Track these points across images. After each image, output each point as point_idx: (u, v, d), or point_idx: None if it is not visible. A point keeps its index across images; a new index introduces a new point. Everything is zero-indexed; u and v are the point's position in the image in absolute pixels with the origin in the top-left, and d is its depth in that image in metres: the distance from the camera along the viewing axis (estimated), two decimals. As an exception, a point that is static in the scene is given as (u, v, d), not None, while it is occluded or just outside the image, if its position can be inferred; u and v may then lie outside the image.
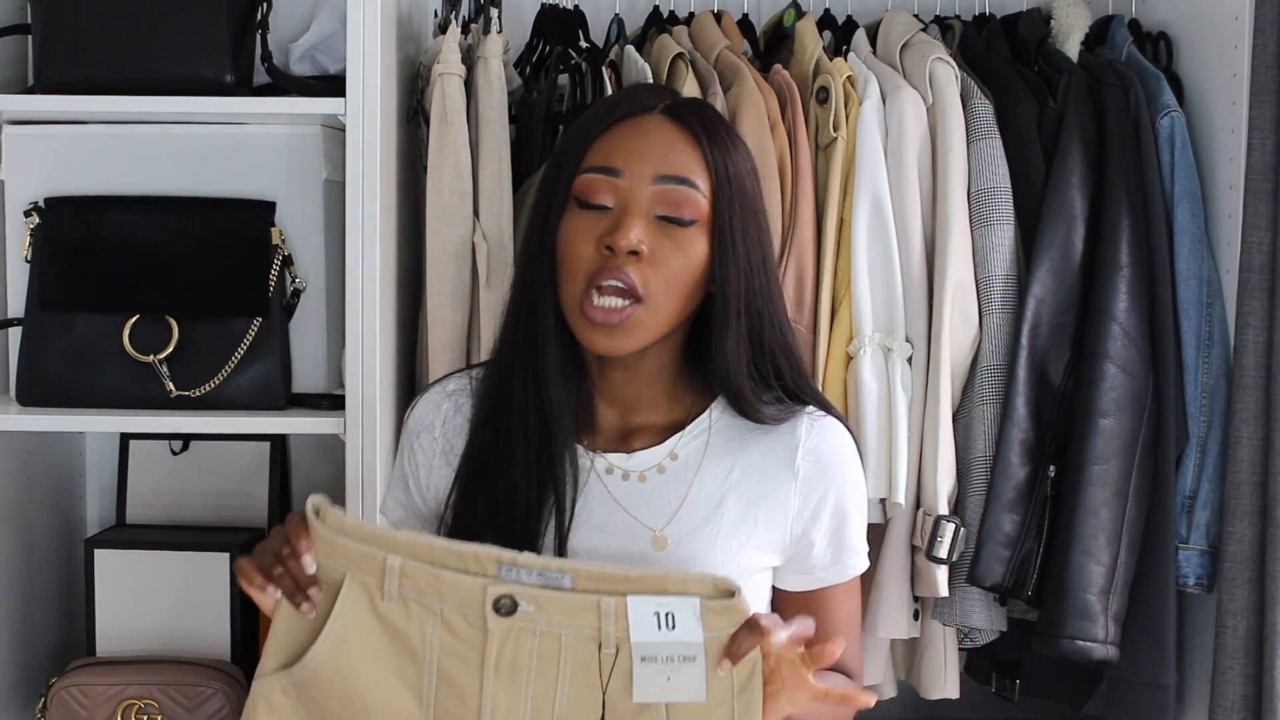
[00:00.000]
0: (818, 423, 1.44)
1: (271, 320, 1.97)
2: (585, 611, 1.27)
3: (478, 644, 1.28)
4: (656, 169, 1.36)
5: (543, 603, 1.27)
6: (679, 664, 1.26)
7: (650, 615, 1.26)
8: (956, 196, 1.99)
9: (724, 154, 1.39)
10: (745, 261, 1.38)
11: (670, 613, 1.26)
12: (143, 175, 2.02)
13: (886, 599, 1.99)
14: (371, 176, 1.86)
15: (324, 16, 2.12)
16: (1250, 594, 1.92)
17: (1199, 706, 2.02)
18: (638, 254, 1.34)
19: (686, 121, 1.39)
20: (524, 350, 1.41)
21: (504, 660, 1.28)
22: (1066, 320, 1.99)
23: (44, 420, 1.99)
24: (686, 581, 1.27)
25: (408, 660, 1.30)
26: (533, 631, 1.28)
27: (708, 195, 1.37)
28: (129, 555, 2.12)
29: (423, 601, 1.29)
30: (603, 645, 1.27)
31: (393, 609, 1.29)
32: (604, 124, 1.40)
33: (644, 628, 1.26)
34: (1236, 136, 1.98)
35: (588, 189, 1.37)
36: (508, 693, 1.29)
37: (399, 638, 1.30)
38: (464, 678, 1.29)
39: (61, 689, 2.00)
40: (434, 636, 1.29)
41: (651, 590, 1.26)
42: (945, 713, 2.22)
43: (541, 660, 1.28)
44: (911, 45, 2.08)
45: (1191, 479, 2.01)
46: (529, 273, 1.41)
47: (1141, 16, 2.25)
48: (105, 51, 1.90)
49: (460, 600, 1.28)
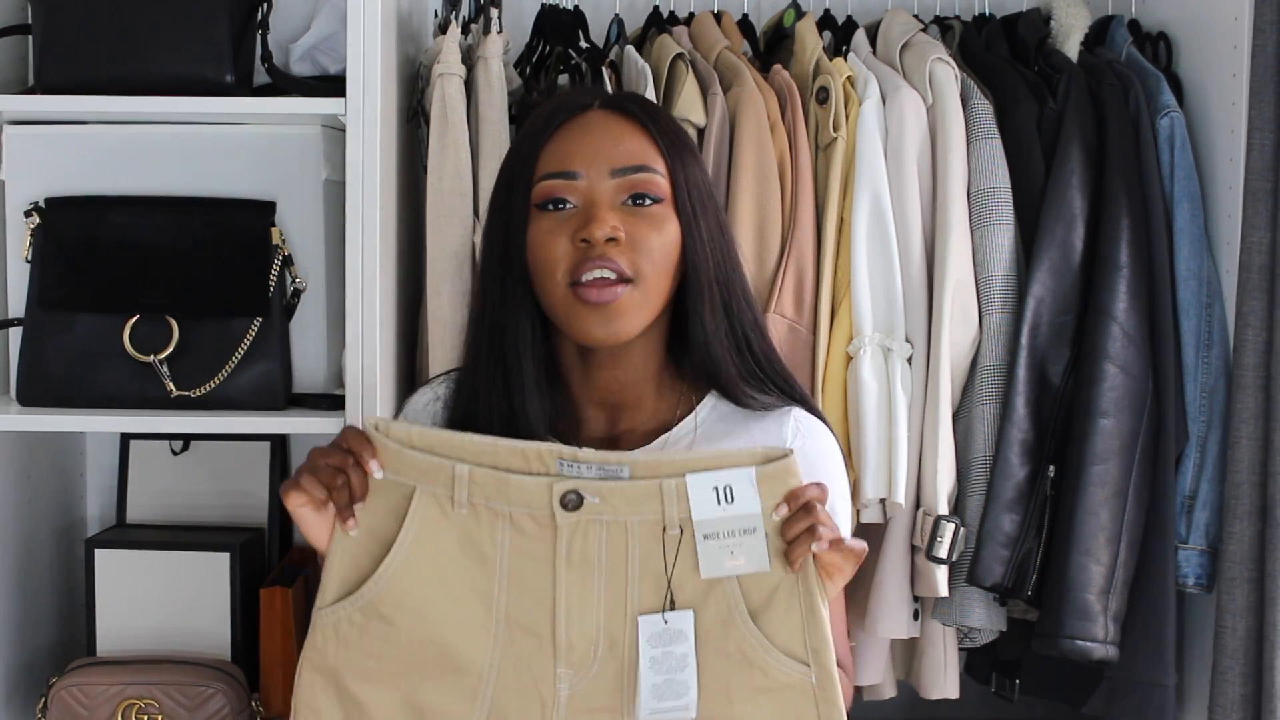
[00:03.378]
0: (803, 424, 1.45)
1: (271, 320, 1.97)
2: (648, 498, 1.30)
3: (548, 541, 1.31)
4: (612, 163, 1.37)
5: (606, 494, 1.30)
6: (740, 537, 1.29)
7: (709, 491, 1.28)
8: (956, 196, 1.99)
9: (670, 136, 1.41)
10: (709, 234, 1.40)
11: (728, 485, 1.28)
12: (143, 175, 2.02)
13: (886, 599, 2.00)
14: (371, 176, 1.86)
15: (324, 16, 2.12)
16: (1250, 594, 1.92)
17: (1199, 706, 2.03)
18: (615, 240, 1.35)
19: (628, 110, 1.41)
20: (495, 372, 1.41)
21: (574, 554, 1.31)
22: (1066, 320, 1.99)
23: (44, 420, 1.99)
24: (739, 456, 1.29)
25: (478, 566, 1.32)
26: (600, 523, 1.30)
27: (665, 175, 1.39)
28: (129, 555, 2.12)
29: (492, 506, 1.31)
30: (667, 528, 1.30)
31: (463, 516, 1.32)
32: (547, 132, 1.40)
33: (703, 505, 1.28)
34: (1236, 136, 1.98)
35: (547, 194, 1.38)
36: (580, 586, 1.31)
37: (470, 544, 1.32)
38: (537, 577, 1.31)
39: (61, 689, 2.00)
40: (504, 539, 1.31)
41: (707, 468, 1.29)
42: (945, 713, 2.22)
43: (611, 550, 1.31)
44: (911, 45, 2.08)
45: (1191, 479, 2.01)
46: (495, 292, 1.41)
47: (1141, 16, 2.25)
48: (105, 51, 1.89)
49: (527, 501, 1.31)
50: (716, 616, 1.31)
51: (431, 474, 1.32)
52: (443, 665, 1.33)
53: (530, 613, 1.32)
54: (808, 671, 1.31)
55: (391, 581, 1.32)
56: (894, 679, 2.13)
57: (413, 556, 1.32)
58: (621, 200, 1.37)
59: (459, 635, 1.32)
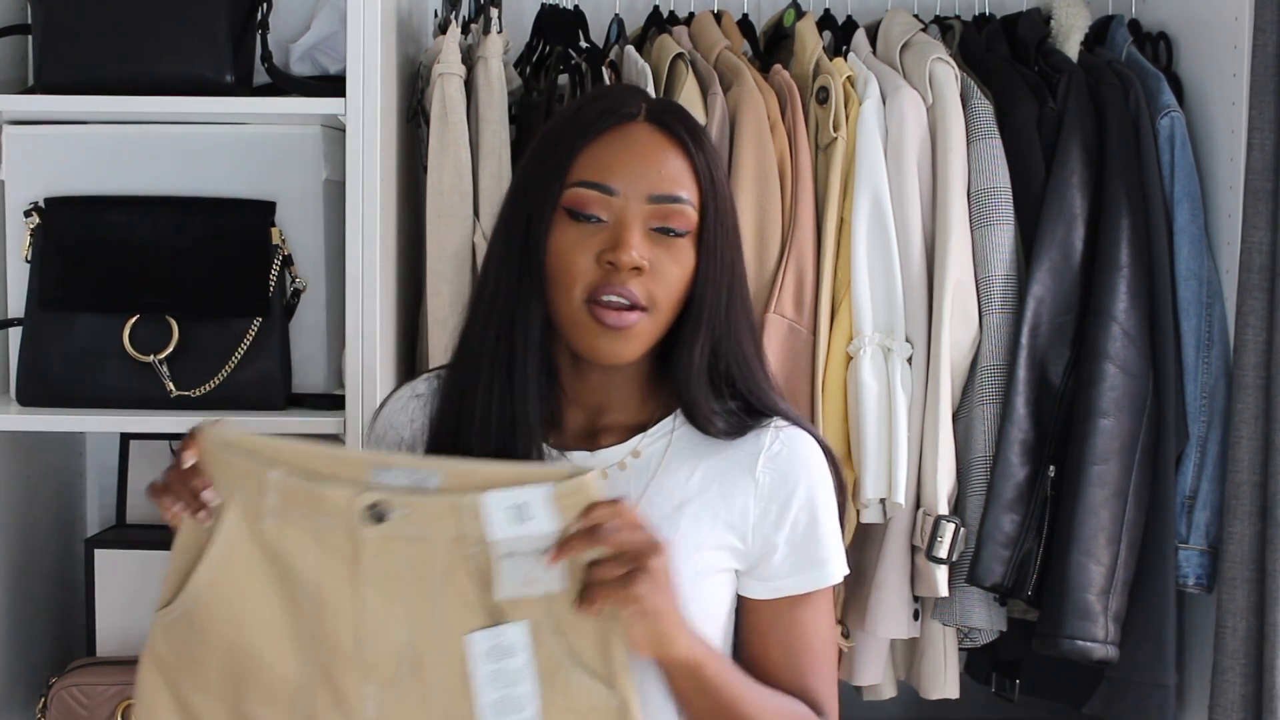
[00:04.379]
0: (782, 432, 1.41)
1: (271, 320, 1.97)
2: (448, 514, 1.24)
3: (350, 558, 1.25)
4: (651, 187, 1.35)
5: (416, 510, 1.24)
6: (536, 557, 1.22)
7: (505, 510, 1.22)
8: (956, 196, 1.99)
9: (709, 163, 1.39)
10: (729, 270, 1.38)
11: (525, 503, 1.22)
12: (143, 175, 2.02)
13: (886, 599, 2.00)
14: (371, 176, 1.86)
15: (324, 16, 2.12)
16: (1250, 594, 1.92)
17: (1199, 706, 2.03)
18: (639, 269, 1.33)
19: (674, 130, 1.38)
20: (498, 362, 1.39)
21: (378, 572, 1.25)
22: (1066, 320, 1.99)
23: (44, 420, 1.99)
24: (545, 472, 1.24)
25: (285, 583, 1.27)
26: (405, 539, 1.24)
27: (696, 207, 1.37)
28: (129, 555, 2.12)
29: (301, 519, 1.26)
30: (466, 545, 1.24)
31: (271, 529, 1.27)
32: (590, 133, 1.37)
33: (499, 524, 1.22)
34: (1236, 136, 1.98)
35: (580, 203, 1.35)
36: (384, 607, 1.26)
37: (277, 560, 1.27)
38: (339, 594, 1.26)
39: (61, 689, 2.00)
40: (309, 556, 1.27)
41: (511, 482, 1.23)
42: (945, 713, 2.22)
43: (415, 568, 1.25)
44: (911, 45, 2.08)
45: (1191, 479, 2.01)
46: (509, 284, 1.38)
47: (1141, 16, 2.25)
48: (105, 51, 1.90)
49: (333, 513, 1.25)
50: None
51: (244, 480, 1.28)
52: (259, 678, 1.29)
53: (335, 630, 1.27)
54: (610, 695, 1.25)
55: (203, 592, 1.29)
56: (894, 679, 2.13)
57: (223, 567, 1.28)
58: (651, 225, 1.35)
59: (271, 649, 1.29)
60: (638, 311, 1.34)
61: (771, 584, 1.40)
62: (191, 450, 1.30)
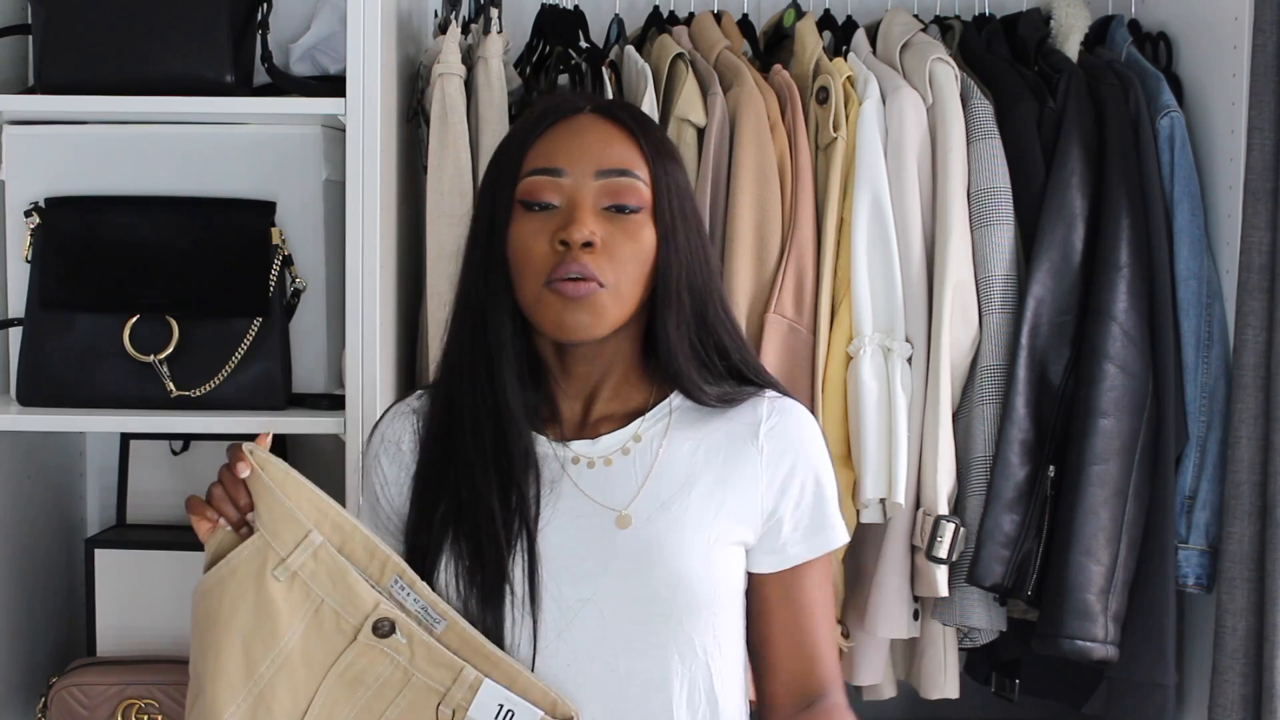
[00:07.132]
0: (777, 403, 1.46)
1: (271, 320, 1.97)
2: (445, 668, 1.33)
3: (336, 649, 1.33)
4: (597, 164, 1.39)
5: (415, 642, 1.33)
6: None
7: (495, 704, 1.32)
8: (956, 196, 1.99)
9: (657, 146, 1.43)
10: (685, 244, 1.42)
11: (512, 711, 1.32)
12: (143, 175, 2.02)
13: (886, 599, 2.00)
14: (371, 176, 1.87)
15: (324, 16, 2.12)
16: (1250, 594, 1.92)
17: (1199, 706, 2.03)
18: (591, 245, 1.37)
19: (618, 117, 1.43)
20: (478, 362, 1.43)
21: (351, 671, 1.33)
22: (1066, 320, 1.99)
23: (44, 420, 1.99)
24: (531, 686, 1.33)
25: (263, 636, 1.32)
26: (391, 660, 1.33)
27: (648, 183, 1.41)
28: (129, 555, 2.12)
29: (315, 590, 1.32)
30: (442, 704, 1.33)
31: (279, 582, 1.32)
32: (537, 130, 1.43)
33: (485, 710, 1.32)
34: (1236, 136, 1.98)
35: (532, 191, 1.40)
36: (338, 702, 1.33)
37: (265, 610, 1.32)
38: (305, 674, 1.32)
39: (62, 689, 2.00)
40: (298, 624, 1.32)
41: (502, 678, 1.32)
42: (945, 713, 2.22)
43: (383, 686, 1.33)
44: (911, 45, 2.08)
45: (1191, 479, 2.01)
46: (477, 286, 1.43)
47: (1141, 16, 2.25)
48: (105, 51, 1.90)
49: (349, 602, 1.32)
50: None
51: (283, 524, 1.32)
52: (201, 704, 1.33)
53: (282, 700, 1.32)
54: None
55: (200, 594, 1.33)
56: (894, 679, 2.13)
57: (218, 587, 1.32)
58: (603, 206, 1.39)
59: (216, 686, 1.32)
60: (593, 283, 1.37)
61: (782, 554, 1.45)
62: (246, 463, 1.34)
